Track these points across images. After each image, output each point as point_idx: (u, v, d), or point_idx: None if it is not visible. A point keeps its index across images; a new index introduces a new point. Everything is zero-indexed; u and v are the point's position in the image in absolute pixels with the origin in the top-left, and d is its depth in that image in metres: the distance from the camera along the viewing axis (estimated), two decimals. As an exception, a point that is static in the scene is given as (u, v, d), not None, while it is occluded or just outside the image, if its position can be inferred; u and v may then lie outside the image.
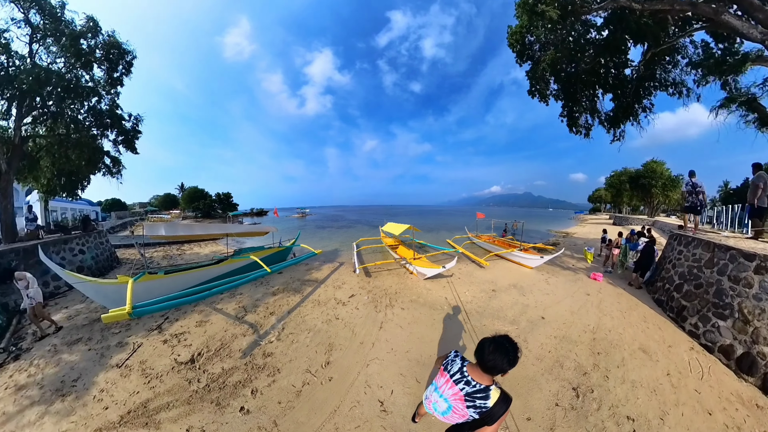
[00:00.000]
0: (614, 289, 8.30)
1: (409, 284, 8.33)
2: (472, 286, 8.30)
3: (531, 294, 7.71)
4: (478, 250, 14.29)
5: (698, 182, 7.98)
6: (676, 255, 7.43)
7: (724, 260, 5.72)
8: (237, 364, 4.09)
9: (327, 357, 4.34)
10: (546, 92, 13.71)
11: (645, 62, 10.82)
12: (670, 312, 6.58)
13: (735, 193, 36.46)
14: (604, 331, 5.61)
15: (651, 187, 40.27)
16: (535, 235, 24.69)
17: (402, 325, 5.49)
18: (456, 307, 6.59)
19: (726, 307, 5.37)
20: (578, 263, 11.65)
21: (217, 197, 63.35)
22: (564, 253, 13.81)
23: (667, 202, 42.92)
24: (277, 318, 5.66)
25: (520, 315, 6.31)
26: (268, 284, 7.98)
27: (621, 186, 47.49)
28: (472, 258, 11.65)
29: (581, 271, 10.45)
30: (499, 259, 12.11)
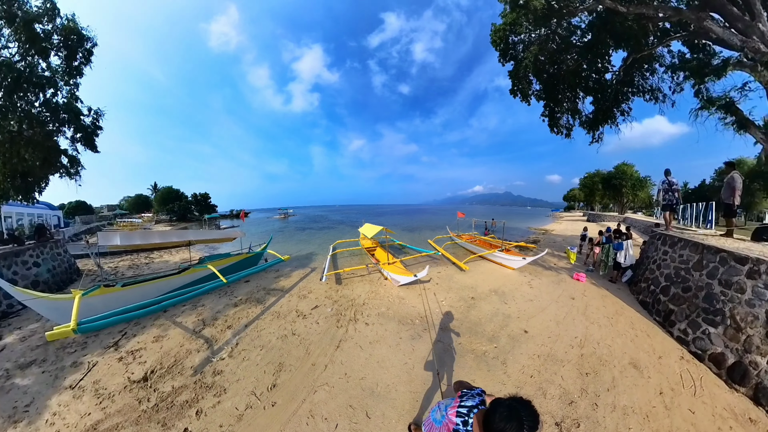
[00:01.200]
0: (598, 290, 7.99)
1: (381, 293, 7.61)
2: (450, 294, 7.66)
3: (513, 301, 7.16)
4: (460, 251, 13.81)
5: (674, 180, 7.98)
6: (660, 255, 7.09)
7: (714, 263, 5.37)
8: (187, 382, 3.89)
9: (275, 378, 4.02)
10: (528, 92, 13.62)
11: (625, 67, 11.06)
12: (657, 316, 6.21)
13: (693, 192, 39.78)
14: (592, 344, 5.13)
15: (622, 187, 44.31)
16: (515, 232, 24.73)
17: (362, 344, 4.89)
18: (429, 320, 5.90)
19: (717, 312, 5.01)
20: (560, 262, 11.36)
21: (194, 198, 57.86)
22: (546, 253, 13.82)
23: (635, 200, 46.53)
24: (233, 332, 5.27)
25: (500, 329, 5.66)
26: (232, 294, 7.38)
27: (594, 186, 51.96)
28: (452, 261, 11.17)
29: (563, 270, 10.12)
30: (482, 260, 11.67)
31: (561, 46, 12.05)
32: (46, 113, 10.20)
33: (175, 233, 8.93)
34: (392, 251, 13.05)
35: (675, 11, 8.53)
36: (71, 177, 11.82)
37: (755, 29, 7.27)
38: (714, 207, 9.14)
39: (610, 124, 12.63)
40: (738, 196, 6.94)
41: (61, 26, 9.99)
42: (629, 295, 7.71)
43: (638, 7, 8.90)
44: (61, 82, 10.48)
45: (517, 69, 13.14)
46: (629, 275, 8.57)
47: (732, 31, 7.50)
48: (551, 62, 12.57)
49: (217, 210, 61.23)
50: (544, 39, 11.82)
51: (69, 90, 10.81)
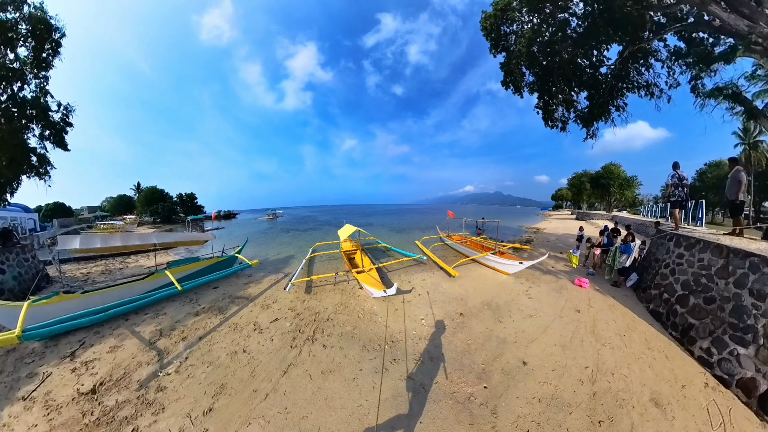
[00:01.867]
0: (604, 298, 7.06)
1: (351, 306, 6.58)
2: (434, 308, 6.40)
3: (509, 317, 6.01)
4: (450, 252, 12.78)
5: (684, 174, 7.07)
6: (674, 259, 6.19)
7: (743, 269, 4.51)
8: (131, 396, 3.76)
9: (213, 401, 3.65)
10: (520, 84, 12.88)
11: (621, 60, 10.41)
12: (673, 330, 5.33)
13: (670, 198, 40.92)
14: (606, 376, 4.20)
15: (609, 187, 45.33)
16: (507, 231, 24.01)
17: (313, 373, 4.08)
18: (401, 347, 4.73)
19: (748, 330, 4.16)
20: (557, 264, 10.40)
21: (180, 199, 53.39)
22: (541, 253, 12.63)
23: (622, 199, 47.36)
24: (186, 345, 4.95)
25: (493, 360, 4.49)
26: (197, 302, 6.87)
27: (581, 186, 53.02)
28: (440, 265, 10.01)
29: (563, 275, 9.10)
30: (473, 263, 10.57)
31: (556, 35, 11.20)
32: (13, 109, 9.40)
33: (137, 236, 8.29)
34: (375, 254, 12.33)
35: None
36: (41, 177, 10.93)
37: (762, 15, 6.78)
38: (703, 205, 8.85)
39: (605, 119, 12.05)
40: (744, 192, 6.28)
41: (28, 14, 9.15)
42: (637, 303, 6.79)
43: None
44: (29, 74, 9.64)
45: (509, 60, 12.46)
46: (634, 279, 7.76)
47: (737, 17, 6.97)
48: (545, 53, 11.75)
49: (204, 211, 59.05)
50: (537, 26, 11.17)
51: (38, 84, 10.02)
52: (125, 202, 58.51)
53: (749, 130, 28.42)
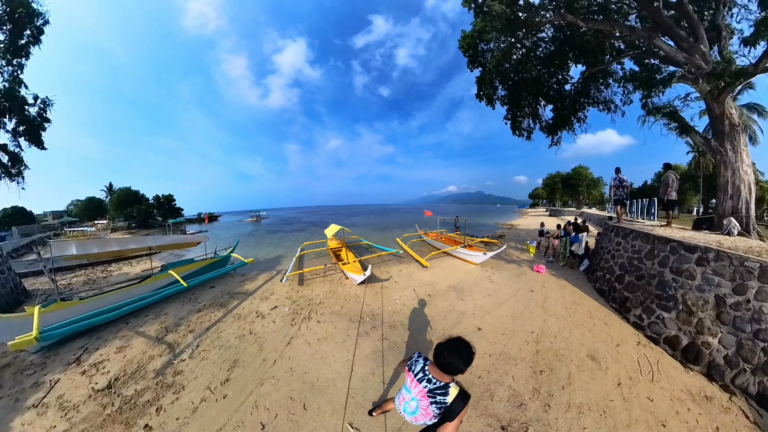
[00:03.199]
0: (557, 281, 7.87)
1: (339, 292, 7.34)
2: (406, 291, 7.30)
3: (471, 297, 6.83)
4: (426, 248, 13.51)
5: (624, 177, 8.30)
6: (614, 246, 7.05)
7: (665, 252, 5.31)
8: (149, 384, 3.91)
9: (228, 374, 4.07)
10: (493, 97, 14.01)
11: (583, 80, 11.78)
12: (613, 303, 6.12)
13: (638, 191, 44.14)
14: (549, 338, 4.88)
15: (578, 186, 50.25)
16: (484, 228, 25.01)
17: (311, 341, 4.87)
18: (379, 318, 5.70)
19: (669, 299, 4.92)
20: (522, 255, 11.34)
21: (156, 201, 49.49)
22: (509, 245, 13.57)
23: (590, 197, 51.84)
24: (194, 336, 5.19)
25: (452, 326, 5.34)
26: (196, 300, 7.04)
27: (555, 185, 57.11)
28: (415, 258, 10.81)
29: (525, 263, 9.97)
30: (447, 256, 11.39)
31: (527, 55, 12.49)
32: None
33: (133, 240, 7.86)
34: (358, 251, 13.00)
35: (629, 29, 9.20)
36: (12, 178, 9.88)
37: (698, 49, 7.97)
38: (656, 202, 9.97)
39: (567, 129, 13.43)
40: (671, 192, 7.42)
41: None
42: (587, 284, 7.65)
43: (597, 24, 9.55)
44: (2, 61, 8.63)
45: (483, 75, 13.51)
46: (586, 264, 8.67)
47: (677, 49, 8.15)
48: (516, 70, 13.02)
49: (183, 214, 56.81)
50: (508, 47, 12.25)
51: (12, 72, 8.94)
52: (95, 206, 52.22)
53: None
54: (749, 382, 3.78)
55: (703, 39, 8.10)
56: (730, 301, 4.34)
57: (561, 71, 12.78)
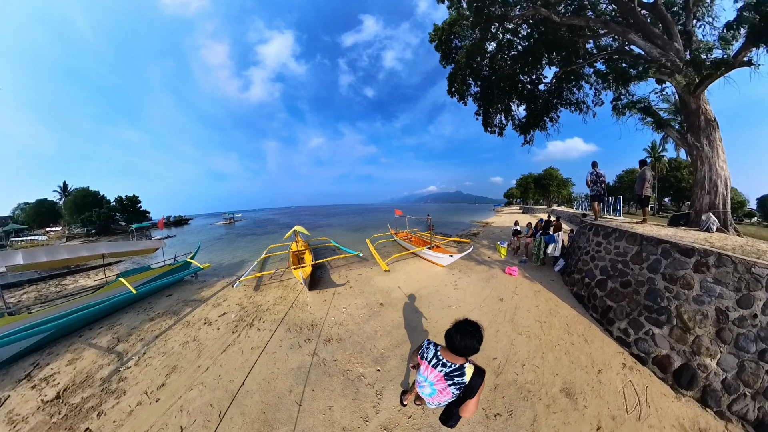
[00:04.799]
0: (531, 285, 6.85)
1: (289, 298, 6.82)
2: (358, 299, 6.46)
3: (427, 308, 5.84)
4: (397, 249, 12.40)
5: (601, 171, 7.46)
6: (593, 246, 6.11)
7: (656, 255, 4.37)
8: (95, 391, 3.86)
9: (165, 379, 4.03)
10: (464, 93, 13.36)
11: (557, 79, 11.50)
12: (594, 312, 5.15)
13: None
14: (514, 367, 3.89)
15: (549, 186, 53.12)
16: (459, 226, 24.26)
17: (244, 349, 4.64)
18: (318, 330, 5.14)
19: (661, 311, 3.98)
20: (494, 254, 10.40)
21: (119, 203, 43.30)
22: (481, 244, 12.77)
23: (559, 196, 54.30)
24: (144, 344, 5.06)
25: (395, 346, 4.43)
26: (151, 309, 6.70)
27: (527, 185, 59.93)
28: (377, 260, 9.81)
29: (496, 264, 8.92)
30: (415, 257, 10.33)
31: (500, 50, 11.96)
32: None
33: (85, 247, 7.13)
34: (324, 253, 12.20)
35: (604, 24, 8.78)
36: None
37: (672, 47, 7.59)
38: (621, 200, 10.00)
39: (540, 129, 13.11)
40: (648, 188, 6.87)
41: None
42: (563, 287, 6.69)
43: (571, 19, 9.11)
44: None
45: (455, 70, 12.79)
46: (561, 265, 7.80)
47: (652, 45, 7.75)
48: (491, 68, 12.47)
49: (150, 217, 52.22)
50: (480, 39, 11.57)
51: None
52: (47, 210, 43.96)
53: (656, 147, 35.76)
54: (748, 408, 3.15)
55: (677, 38, 7.73)
56: (734, 315, 3.47)
57: (535, 69, 12.31)
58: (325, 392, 3.58)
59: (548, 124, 13.20)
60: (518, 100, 13.31)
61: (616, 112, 10.87)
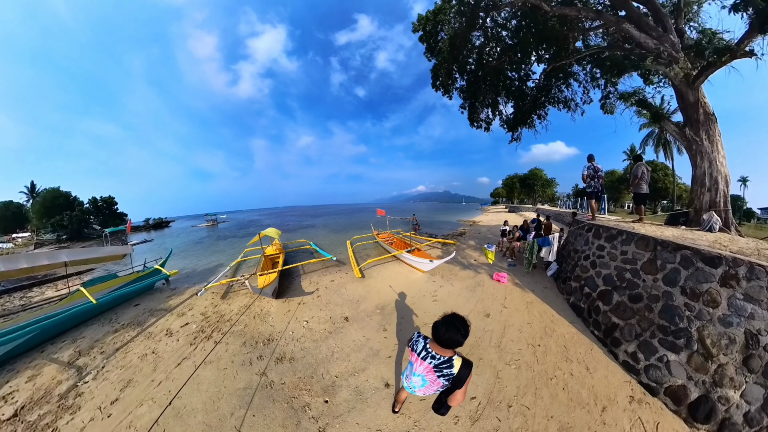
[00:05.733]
0: (522, 294, 6.06)
1: (254, 307, 6.34)
2: (323, 311, 5.84)
3: (401, 324, 5.13)
4: (377, 252, 11.47)
5: (599, 166, 6.77)
6: (594, 250, 5.33)
7: (673, 264, 3.61)
8: (52, 407, 3.64)
9: (120, 393, 3.78)
10: (450, 87, 12.62)
11: (545, 75, 11.00)
12: (596, 329, 4.39)
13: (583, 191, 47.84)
14: (497, 410, 3.05)
15: (534, 186, 55.10)
16: (446, 225, 23.67)
17: (197, 363, 4.37)
18: (273, 345, 4.67)
19: (680, 333, 3.24)
20: (480, 257, 9.56)
21: (94, 205, 39.52)
22: (468, 245, 12.00)
23: (544, 195, 55.69)
24: (104, 357, 4.79)
25: (351, 374, 3.77)
26: (116, 320, 6.32)
27: (513, 185, 62.01)
28: (352, 265, 9.02)
29: (483, 269, 8.01)
30: (396, 261, 9.42)
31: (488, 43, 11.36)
32: None
33: (45, 255, 6.56)
34: (302, 256, 11.40)
35: (596, 14, 8.26)
36: None
37: (667, 39, 7.14)
38: (606, 198, 9.41)
39: (528, 126, 12.64)
40: (642, 184, 6.29)
41: None
42: (558, 295, 5.93)
43: (562, 8, 8.52)
44: None
45: (439, 61, 12.04)
46: (554, 269, 7.09)
47: (647, 36, 7.30)
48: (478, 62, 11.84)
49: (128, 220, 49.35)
50: (465, 27, 10.85)
51: None
52: (13, 214, 39.90)
53: (635, 149, 36.79)
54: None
55: (672, 31, 7.27)
56: (766, 340, 2.83)
57: (523, 64, 11.77)
58: (266, 420, 3.21)
59: (536, 121, 12.69)
60: (506, 97, 12.77)
61: (605, 109, 10.79)
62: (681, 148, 29.50)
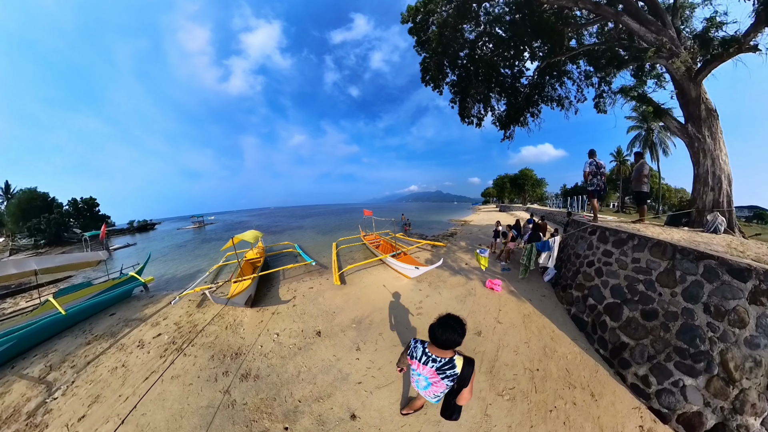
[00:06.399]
0: (518, 305, 5.51)
1: (227, 317, 5.93)
2: (296, 323, 5.38)
3: (376, 343, 4.56)
4: (364, 254, 10.85)
5: (602, 162, 6.31)
6: (601, 257, 4.80)
7: (695, 276, 3.14)
8: (21, 426, 3.48)
9: (87, 410, 3.62)
10: (440, 81, 12.03)
11: (540, 71, 10.58)
12: (601, 347, 3.93)
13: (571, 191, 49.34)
14: None
15: (525, 185, 56.28)
16: (437, 225, 23.21)
17: (165, 378, 4.11)
18: (240, 360, 4.36)
19: (700, 357, 2.81)
20: (472, 260, 9.02)
21: (74, 207, 37.02)
22: (459, 247, 11.56)
23: (534, 195, 56.93)
24: (74, 371, 4.50)
25: (315, 400, 3.42)
26: (90, 332, 5.99)
27: (504, 185, 63.32)
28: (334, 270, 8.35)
29: (475, 274, 7.43)
30: (382, 265, 8.83)
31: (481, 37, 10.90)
32: None
33: (13, 263, 6.18)
34: (287, 260, 10.76)
35: (594, 4, 7.93)
36: None
37: (666, 33, 6.82)
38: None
39: (521, 124, 12.22)
40: (646, 183, 5.88)
41: None
42: (557, 305, 5.44)
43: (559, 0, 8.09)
44: None
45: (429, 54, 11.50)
46: (552, 274, 6.65)
47: (646, 30, 6.96)
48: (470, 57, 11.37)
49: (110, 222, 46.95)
50: (455, 15, 10.36)
51: None
52: None
53: (621, 152, 37.10)
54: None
55: (671, 26, 6.95)
56: None
57: (517, 60, 11.33)
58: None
59: (529, 119, 12.29)
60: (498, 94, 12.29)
61: (599, 108, 10.59)
62: (667, 150, 29.86)
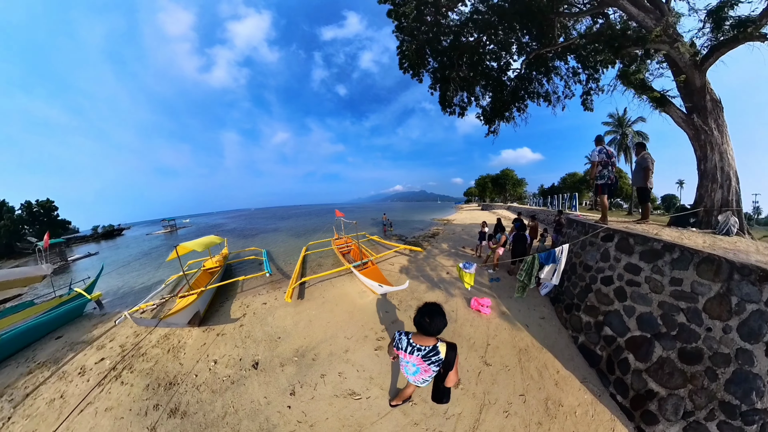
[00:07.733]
0: (512, 335, 4.38)
1: (173, 337, 5.26)
2: (238, 348, 4.65)
3: (317, 388, 3.49)
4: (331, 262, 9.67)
5: (612, 151, 5.34)
6: (622, 272, 3.70)
7: (757, 304, 2.28)
8: None
9: None
10: (418, 67, 11.04)
11: (527, 63, 9.96)
12: (619, 392, 3.02)
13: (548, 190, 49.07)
14: None
15: (506, 185, 58.36)
16: (419, 225, 22.61)
17: (99, 410, 3.60)
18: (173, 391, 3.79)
19: (752, 416, 2.03)
20: (453, 268, 7.70)
21: (28, 211, 32.67)
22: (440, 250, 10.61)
23: (514, 194, 58.81)
24: (11, 405, 3.98)
25: None
26: (33, 359, 5.19)
27: (485, 185, 65.18)
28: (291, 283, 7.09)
29: (458, 289, 6.10)
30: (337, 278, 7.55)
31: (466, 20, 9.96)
32: None
33: None
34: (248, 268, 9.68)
35: None
36: None
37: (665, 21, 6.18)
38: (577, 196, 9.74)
39: (506, 120, 11.55)
40: (651, 178, 5.21)
41: None
42: (560, 330, 4.48)
43: None
44: None
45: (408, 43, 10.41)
46: (550, 287, 5.81)
47: (645, 15, 6.34)
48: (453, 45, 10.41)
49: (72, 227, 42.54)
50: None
51: None
52: None
53: None
54: None
55: (671, 15, 6.38)
56: None
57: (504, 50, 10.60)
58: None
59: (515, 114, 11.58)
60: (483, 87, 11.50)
61: (586, 106, 10.15)
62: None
